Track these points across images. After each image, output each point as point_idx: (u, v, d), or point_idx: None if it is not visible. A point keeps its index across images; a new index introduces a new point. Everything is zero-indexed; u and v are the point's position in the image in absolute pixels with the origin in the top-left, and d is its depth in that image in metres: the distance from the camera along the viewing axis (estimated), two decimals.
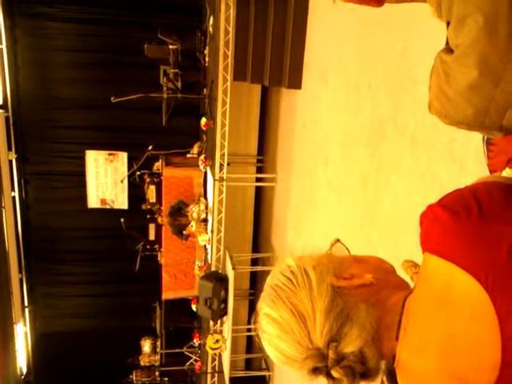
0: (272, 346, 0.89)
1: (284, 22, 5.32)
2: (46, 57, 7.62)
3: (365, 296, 0.86)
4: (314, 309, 0.84)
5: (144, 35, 6.71)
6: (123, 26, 7.51)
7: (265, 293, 0.92)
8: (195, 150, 6.72)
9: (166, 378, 7.87)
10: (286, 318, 0.86)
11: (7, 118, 7.46)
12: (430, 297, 0.79)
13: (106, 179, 8.09)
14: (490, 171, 1.49)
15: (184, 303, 6.87)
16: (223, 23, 5.23)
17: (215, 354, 6.42)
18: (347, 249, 0.99)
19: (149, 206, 6.92)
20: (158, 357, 7.76)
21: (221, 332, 6.20)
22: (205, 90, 6.41)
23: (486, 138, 1.45)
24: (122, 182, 7.79)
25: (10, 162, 7.64)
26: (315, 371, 0.86)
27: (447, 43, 0.83)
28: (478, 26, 0.74)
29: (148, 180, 6.78)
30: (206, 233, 6.18)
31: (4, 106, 7.49)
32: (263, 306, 0.90)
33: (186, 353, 7.40)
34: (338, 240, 0.99)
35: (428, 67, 0.87)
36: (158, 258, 7.05)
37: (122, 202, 8.20)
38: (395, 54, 3.39)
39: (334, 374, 0.83)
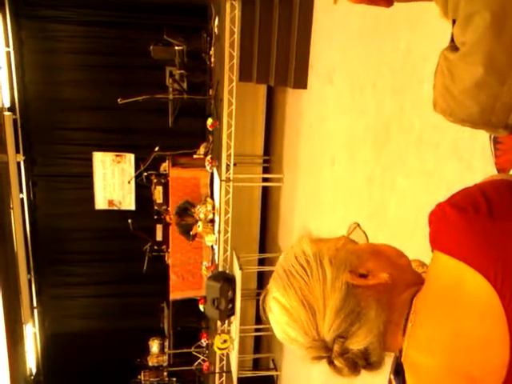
0: (279, 328, 0.90)
1: (289, 22, 5.32)
2: (52, 59, 7.66)
3: (377, 295, 0.86)
4: (325, 304, 0.84)
5: (150, 37, 6.73)
6: (129, 27, 7.54)
7: (277, 275, 0.91)
8: (202, 150, 6.74)
9: (174, 378, 7.89)
10: (295, 308, 0.86)
11: (15, 121, 7.51)
12: (438, 295, 0.78)
13: (113, 180, 8.13)
14: (498, 169, 1.49)
15: (192, 303, 6.88)
16: (228, 24, 5.23)
17: (223, 354, 6.43)
18: (366, 235, 0.98)
19: (156, 207, 6.95)
20: (166, 357, 7.78)
21: (228, 332, 6.20)
22: (211, 90, 6.43)
23: (492, 136, 1.45)
24: (129, 182, 7.82)
25: (18, 164, 7.69)
26: (318, 358, 0.87)
27: (452, 41, 0.82)
28: (484, 24, 0.74)
29: (155, 181, 6.80)
30: (213, 233, 6.19)
31: (12, 109, 7.53)
32: (274, 290, 0.90)
33: (194, 353, 7.41)
34: (358, 225, 0.98)
35: (432, 66, 0.86)
36: (166, 259, 7.06)
37: (129, 202, 8.23)
38: (399, 53, 3.38)
39: (337, 363, 0.85)
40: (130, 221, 6.87)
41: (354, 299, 0.84)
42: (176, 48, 6.32)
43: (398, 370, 0.86)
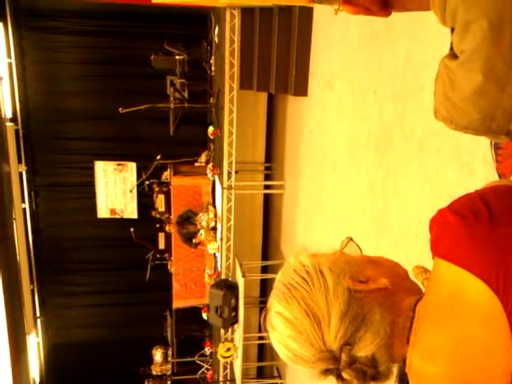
0: (282, 345, 0.89)
1: (289, 30, 5.34)
2: (53, 70, 7.70)
3: (379, 300, 0.86)
4: (329, 311, 0.83)
5: (150, 46, 6.77)
6: (130, 37, 7.58)
7: (277, 290, 0.90)
8: (203, 158, 6.75)
9: None
10: (299, 319, 0.85)
11: (17, 131, 7.54)
12: (440, 302, 0.78)
13: (115, 189, 8.14)
14: (499, 175, 1.49)
15: (195, 312, 6.86)
16: (228, 32, 5.26)
17: (227, 363, 6.40)
18: (360, 248, 0.98)
19: (158, 215, 6.96)
20: (169, 366, 7.75)
21: (232, 340, 6.18)
22: (211, 99, 6.45)
23: (493, 142, 1.45)
24: (131, 191, 7.83)
25: (20, 174, 7.71)
26: (326, 372, 0.86)
27: (451, 49, 0.83)
28: (482, 32, 0.74)
29: (157, 189, 6.81)
30: (216, 241, 6.19)
31: (14, 120, 7.57)
32: (276, 305, 0.89)
33: (198, 361, 7.38)
34: (351, 239, 0.98)
35: (433, 72, 0.87)
36: (168, 267, 7.06)
37: (131, 211, 8.23)
38: (399, 60, 3.39)
39: (345, 375, 0.83)
40: (132, 229, 6.87)
41: (357, 304, 0.84)
42: (176, 57, 6.36)
43: (402, 379, 0.86)
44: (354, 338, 0.83)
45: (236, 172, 5.77)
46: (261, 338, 6.74)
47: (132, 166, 8.03)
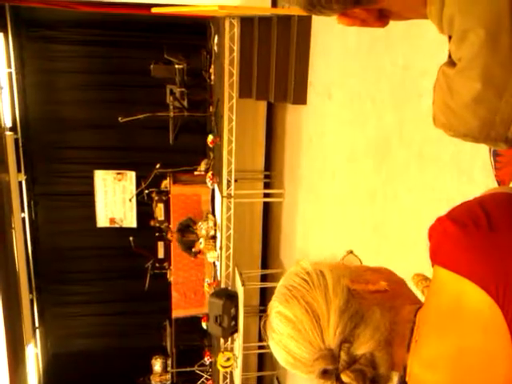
0: (281, 347, 0.89)
1: (288, 39, 5.37)
2: (53, 79, 7.73)
3: (379, 301, 0.86)
4: (328, 308, 0.83)
5: (150, 55, 6.80)
6: (129, 47, 7.62)
7: (278, 293, 0.91)
8: (202, 167, 6.76)
9: None
10: (299, 317, 0.85)
11: (16, 140, 7.55)
12: (440, 310, 0.78)
13: (114, 198, 8.14)
14: (498, 182, 1.49)
15: (194, 321, 6.83)
16: (228, 42, 5.29)
17: (226, 373, 6.36)
18: (360, 260, 0.99)
19: (157, 224, 6.95)
20: (169, 376, 7.70)
21: (232, 350, 6.14)
22: (211, 107, 6.47)
23: (492, 149, 1.46)
24: (130, 200, 7.83)
25: (20, 183, 7.71)
26: (324, 374, 0.84)
27: (449, 56, 0.83)
28: (479, 40, 0.75)
29: (156, 198, 6.81)
30: (215, 250, 6.17)
31: (13, 129, 7.58)
32: (276, 305, 0.90)
33: (197, 371, 7.33)
34: (351, 251, 0.99)
35: (431, 79, 0.87)
36: (168, 276, 7.04)
37: (130, 220, 8.23)
38: (398, 67, 3.40)
39: (344, 378, 0.82)
40: (131, 238, 6.86)
41: (356, 302, 0.85)
42: (176, 66, 6.38)
43: None
44: (353, 335, 0.83)
45: (235, 180, 5.77)
46: (261, 348, 6.70)
47: (131, 175, 8.03)
